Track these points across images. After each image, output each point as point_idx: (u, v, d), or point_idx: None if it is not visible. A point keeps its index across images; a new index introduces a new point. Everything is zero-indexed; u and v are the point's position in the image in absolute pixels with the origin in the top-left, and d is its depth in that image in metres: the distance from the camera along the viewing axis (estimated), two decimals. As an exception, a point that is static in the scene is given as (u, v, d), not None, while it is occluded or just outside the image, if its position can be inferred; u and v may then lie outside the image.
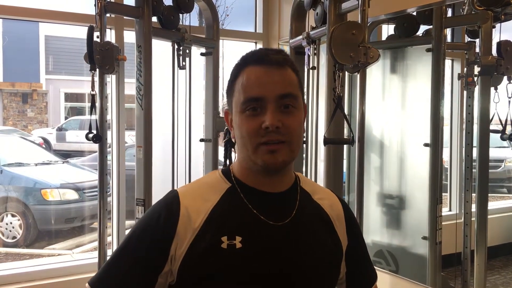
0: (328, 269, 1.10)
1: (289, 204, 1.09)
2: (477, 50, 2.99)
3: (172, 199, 1.06)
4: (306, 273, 1.05)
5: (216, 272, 1.00)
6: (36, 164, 6.04)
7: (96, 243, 2.54)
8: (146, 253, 1.03)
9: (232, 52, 4.04)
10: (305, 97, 2.77)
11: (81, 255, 5.05)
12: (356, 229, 1.21)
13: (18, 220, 5.34)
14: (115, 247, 3.08)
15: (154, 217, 1.05)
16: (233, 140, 1.12)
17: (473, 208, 3.06)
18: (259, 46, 3.82)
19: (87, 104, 10.46)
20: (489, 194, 3.06)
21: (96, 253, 2.56)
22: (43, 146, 8.41)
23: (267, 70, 1.02)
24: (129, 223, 3.16)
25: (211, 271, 1.00)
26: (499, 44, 2.86)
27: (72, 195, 5.56)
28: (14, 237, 5.31)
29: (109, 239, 2.81)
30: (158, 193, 1.13)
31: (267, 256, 1.02)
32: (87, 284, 1.06)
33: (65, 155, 7.97)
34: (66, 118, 10.98)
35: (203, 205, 1.04)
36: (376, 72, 3.11)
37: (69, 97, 11.38)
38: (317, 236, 1.09)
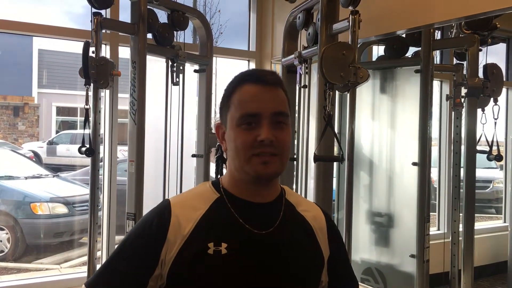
0: (308, 276, 1.16)
1: (274, 214, 1.15)
2: (465, 72, 3.05)
3: (164, 208, 1.13)
4: (287, 279, 1.12)
5: (203, 276, 1.06)
6: (26, 178, 5.99)
7: (84, 258, 2.54)
8: (138, 256, 1.10)
9: (225, 69, 4.09)
10: (296, 114, 2.81)
11: (69, 269, 5.01)
12: (338, 240, 1.27)
13: (7, 233, 5.27)
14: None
15: (147, 224, 1.12)
16: (224, 154, 1.17)
17: (461, 227, 3.10)
18: (252, 64, 3.88)
19: (78, 118, 10.45)
20: (478, 215, 3.10)
21: (84, 268, 2.55)
22: (33, 159, 8.36)
23: (262, 89, 1.10)
24: (119, 238, 3.15)
25: (198, 275, 1.06)
26: (486, 66, 2.93)
27: (62, 209, 5.51)
28: (1, 251, 5.24)
29: (98, 253, 2.80)
30: (149, 207, 1.14)
31: (251, 262, 1.09)
32: (83, 286, 1.12)
33: (56, 169, 7.91)
34: (57, 132, 10.94)
35: (192, 214, 1.11)
36: (366, 92, 3.16)
37: (60, 111, 11.34)
38: (299, 244, 1.16)
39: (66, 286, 3.04)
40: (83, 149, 2.42)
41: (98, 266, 2.59)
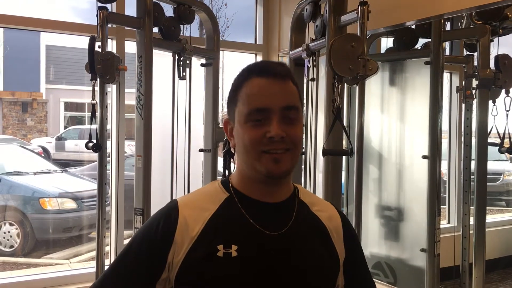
0: (321, 279, 1.11)
1: (286, 214, 1.10)
2: (475, 63, 3.01)
3: (171, 209, 1.09)
4: (299, 283, 1.07)
5: (212, 280, 1.02)
6: (35, 173, 6.03)
7: (93, 253, 2.54)
8: (144, 260, 1.06)
9: (232, 63, 4.06)
10: (304, 108, 2.78)
11: (78, 264, 5.04)
12: (355, 242, 1.21)
13: (16, 229, 5.32)
14: (113, 257, 3.07)
15: (154, 226, 1.08)
16: (233, 150, 1.14)
17: (472, 221, 3.06)
18: (259, 57, 3.85)
19: (86, 114, 10.50)
20: (488, 208, 3.06)
21: (93, 263, 2.55)
22: (42, 155, 8.41)
23: (271, 81, 1.05)
24: (128, 233, 3.15)
25: (207, 278, 1.02)
26: (497, 57, 2.88)
27: (71, 204, 5.55)
28: (11, 246, 5.29)
29: (107, 248, 2.81)
30: (157, 202, 1.13)
31: (262, 265, 1.04)
32: None
33: (64, 164, 7.96)
34: (65, 127, 11.00)
35: (201, 214, 1.07)
36: (375, 84, 3.12)
37: (68, 106, 11.40)
38: (312, 247, 1.10)
39: (76, 281, 3.05)
40: (90, 144, 2.41)
41: (106, 261, 2.60)
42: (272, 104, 1.03)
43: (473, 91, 3.01)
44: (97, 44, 2.36)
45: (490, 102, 2.93)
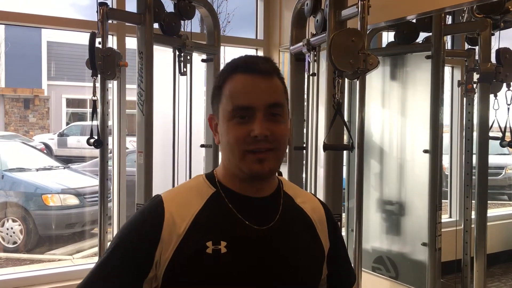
0: (311, 271, 1.12)
1: (273, 208, 1.10)
2: (477, 57, 3.00)
3: (156, 205, 1.06)
4: (290, 276, 1.07)
5: (202, 277, 1.01)
6: (37, 169, 6.04)
7: (96, 249, 2.55)
8: (131, 259, 1.03)
9: (233, 58, 4.06)
10: (305, 103, 2.78)
11: (81, 260, 5.06)
12: (337, 232, 1.22)
13: (19, 225, 5.33)
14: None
15: (139, 223, 1.06)
16: (218, 145, 1.12)
17: (473, 215, 3.07)
18: (260, 53, 3.85)
19: (88, 110, 10.49)
20: (490, 202, 3.05)
21: (96, 259, 2.57)
22: (44, 151, 8.42)
23: (255, 79, 1.03)
24: (130, 228, 3.16)
25: (197, 276, 1.01)
26: (498, 51, 2.87)
27: (73, 200, 5.56)
28: (14, 242, 5.31)
29: (109, 244, 2.82)
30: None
31: (252, 260, 1.04)
32: None
33: (66, 160, 7.97)
34: (67, 123, 11.00)
35: (187, 210, 1.05)
36: (376, 79, 3.12)
37: (70, 102, 11.40)
38: (300, 239, 1.11)
39: (79, 276, 3.06)
40: (92, 140, 2.42)
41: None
42: (256, 102, 1.01)
43: (474, 85, 3.00)
44: (98, 40, 2.36)
45: (492, 96, 2.93)
